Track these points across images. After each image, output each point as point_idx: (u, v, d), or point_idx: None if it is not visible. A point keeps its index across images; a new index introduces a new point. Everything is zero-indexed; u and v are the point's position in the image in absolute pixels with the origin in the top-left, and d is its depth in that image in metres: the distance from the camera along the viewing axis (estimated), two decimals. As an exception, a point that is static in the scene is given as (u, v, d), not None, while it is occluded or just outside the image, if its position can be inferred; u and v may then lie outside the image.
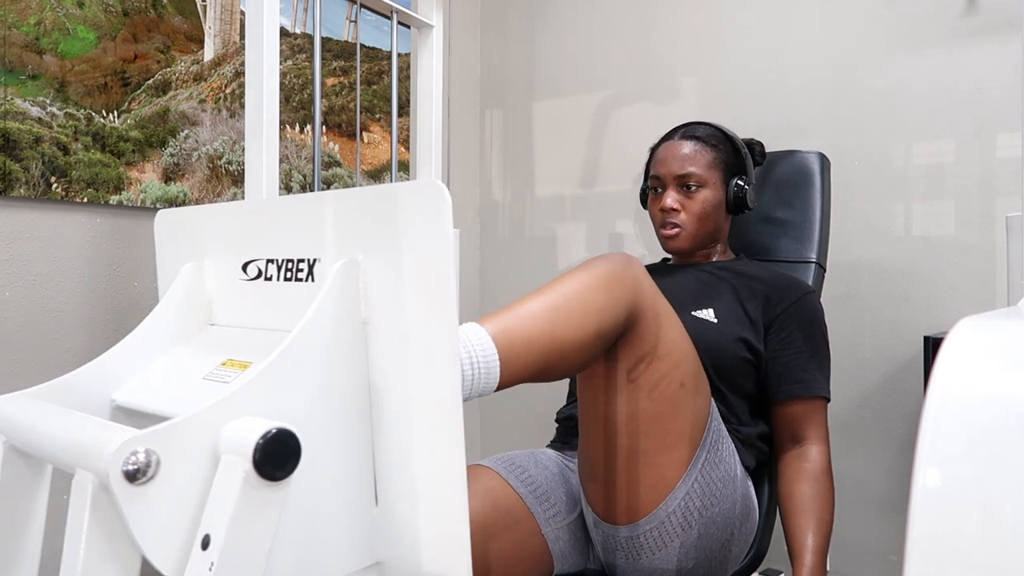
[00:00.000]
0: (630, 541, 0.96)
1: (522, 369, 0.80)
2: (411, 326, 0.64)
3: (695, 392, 0.96)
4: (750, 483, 1.10)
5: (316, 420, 0.63)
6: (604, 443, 0.94)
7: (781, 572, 1.38)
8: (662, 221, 1.27)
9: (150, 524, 0.52)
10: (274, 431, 0.54)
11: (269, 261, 0.76)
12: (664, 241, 1.28)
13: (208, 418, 0.56)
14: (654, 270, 1.36)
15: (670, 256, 1.40)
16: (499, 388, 0.79)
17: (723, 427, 1.04)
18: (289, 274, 0.74)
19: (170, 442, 0.53)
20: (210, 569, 0.52)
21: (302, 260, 0.72)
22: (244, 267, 0.79)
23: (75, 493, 0.54)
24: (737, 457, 1.06)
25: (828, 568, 1.09)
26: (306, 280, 0.72)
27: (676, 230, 1.25)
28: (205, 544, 0.53)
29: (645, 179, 1.37)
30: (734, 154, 1.30)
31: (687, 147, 1.27)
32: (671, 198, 1.25)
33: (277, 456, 0.54)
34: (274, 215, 0.77)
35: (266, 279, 0.76)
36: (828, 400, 1.18)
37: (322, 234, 0.71)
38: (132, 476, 0.51)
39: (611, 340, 0.88)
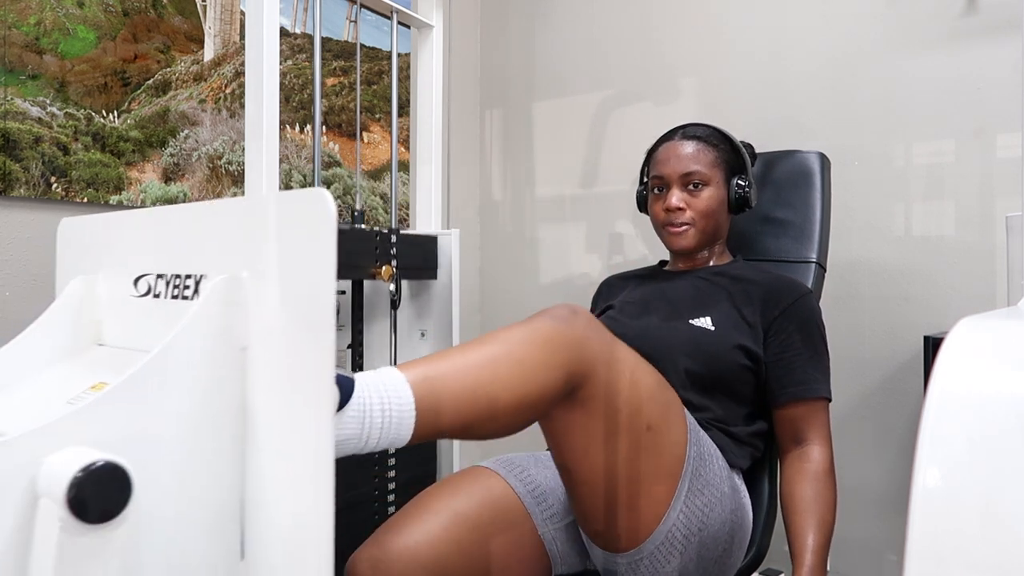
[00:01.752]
0: (628, 567, 0.97)
1: (440, 423, 0.75)
2: (288, 350, 0.56)
3: (665, 429, 0.94)
4: (742, 489, 1.09)
5: (172, 454, 0.55)
6: (578, 489, 0.93)
7: (781, 572, 1.38)
8: (667, 220, 1.27)
9: None
10: (99, 464, 0.45)
11: (159, 276, 0.69)
12: (671, 239, 1.28)
13: (24, 448, 0.46)
14: (651, 275, 1.36)
15: (667, 260, 1.40)
16: (413, 441, 0.74)
17: (705, 446, 1.02)
18: (176, 291, 0.66)
19: None
20: None
21: (189, 276, 0.65)
22: (135, 282, 0.72)
23: None
24: (725, 471, 1.04)
25: (828, 568, 1.09)
26: (191, 298, 0.64)
27: (684, 227, 1.25)
28: None
29: (641, 181, 1.37)
30: (734, 153, 1.30)
31: (689, 147, 1.27)
32: (676, 197, 1.25)
33: (98, 494, 0.45)
34: (167, 225, 0.71)
35: (155, 296, 0.69)
36: (829, 400, 1.18)
37: (207, 247, 0.64)
38: None
39: (550, 403, 0.83)
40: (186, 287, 0.65)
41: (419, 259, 1.50)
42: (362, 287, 1.45)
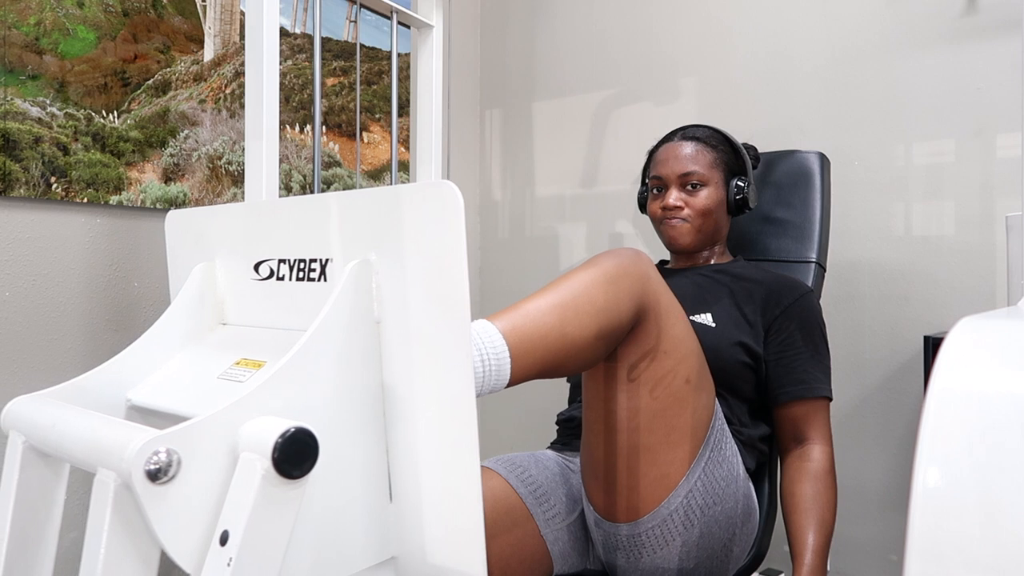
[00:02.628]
0: (631, 540, 0.96)
1: (532, 365, 0.80)
2: (423, 325, 0.64)
3: (699, 389, 0.97)
4: (751, 484, 1.10)
5: (331, 418, 0.64)
6: (606, 440, 0.94)
7: (781, 572, 1.38)
8: (664, 218, 1.27)
9: (171, 522, 0.53)
10: (292, 430, 0.54)
11: (281, 261, 0.77)
12: (667, 236, 1.28)
13: (227, 418, 0.56)
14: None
15: (667, 260, 1.40)
16: (510, 384, 0.79)
17: (726, 426, 1.04)
18: (301, 274, 0.74)
19: (190, 442, 0.54)
20: (228, 564, 0.52)
21: (314, 260, 0.73)
22: (256, 267, 0.79)
23: (96, 492, 0.55)
24: (740, 457, 1.06)
25: (828, 568, 1.09)
26: (318, 280, 0.72)
27: (680, 223, 1.26)
28: (224, 540, 0.53)
29: (643, 182, 1.37)
30: (733, 155, 1.30)
31: (688, 147, 1.27)
32: (674, 196, 1.26)
33: (295, 455, 0.55)
34: (285, 216, 0.78)
35: (278, 279, 0.77)
36: (830, 400, 1.18)
37: (334, 235, 0.71)
38: (154, 476, 0.52)
39: (618, 337, 0.88)
40: (312, 270, 0.73)
41: None
42: None
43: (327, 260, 0.72)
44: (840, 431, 1.54)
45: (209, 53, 1.53)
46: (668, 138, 1.32)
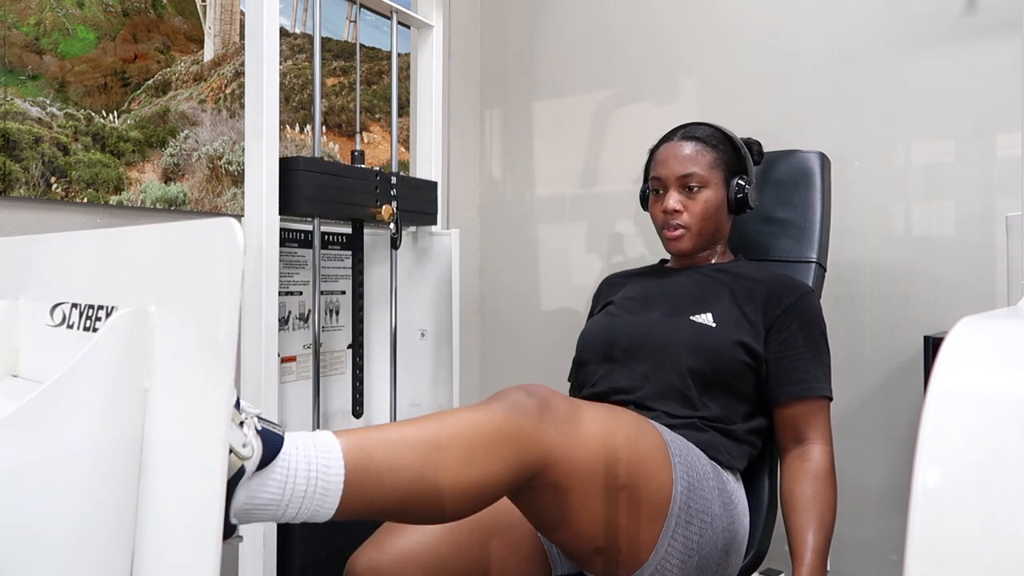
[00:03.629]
0: None
1: (370, 502, 0.68)
2: (188, 394, 0.54)
3: (644, 481, 0.91)
4: (736, 495, 1.08)
5: (68, 487, 0.53)
6: (562, 546, 0.92)
7: (781, 572, 1.38)
8: (665, 223, 1.27)
9: None
10: None
11: (73, 306, 0.65)
12: (668, 243, 1.28)
13: None
14: (652, 272, 1.36)
15: (668, 258, 1.40)
16: (337, 517, 0.68)
17: (695, 471, 0.99)
18: (88, 322, 0.63)
19: None
20: None
21: (101, 307, 0.62)
22: (52, 311, 0.68)
23: None
24: (716, 490, 1.02)
25: (828, 568, 1.09)
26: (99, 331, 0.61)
27: (680, 231, 1.25)
28: None
29: (645, 180, 1.37)
30: (734, 154, 1.30)
31: (688, 148, 1.27)
32: (673, 199, 1.25)
33: None
34: (87, 251, 0.67)
35: (68, 327, 0.65)
36: (830, 400, 1.18)
37: (122, 277, 0.61)
38: None
39: (499, 494, 0.77)
40: (97, 318, 0.61)
41: (418, 203, 1.49)
42: (362, 230, 1.43)
43: (112, 308, 0.60)
44: (840, 431, 1.54)
45: (209, 53, 1.53)
46: (668, 137, 1.32)
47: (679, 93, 1.83)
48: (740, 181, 1.28)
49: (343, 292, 1.48)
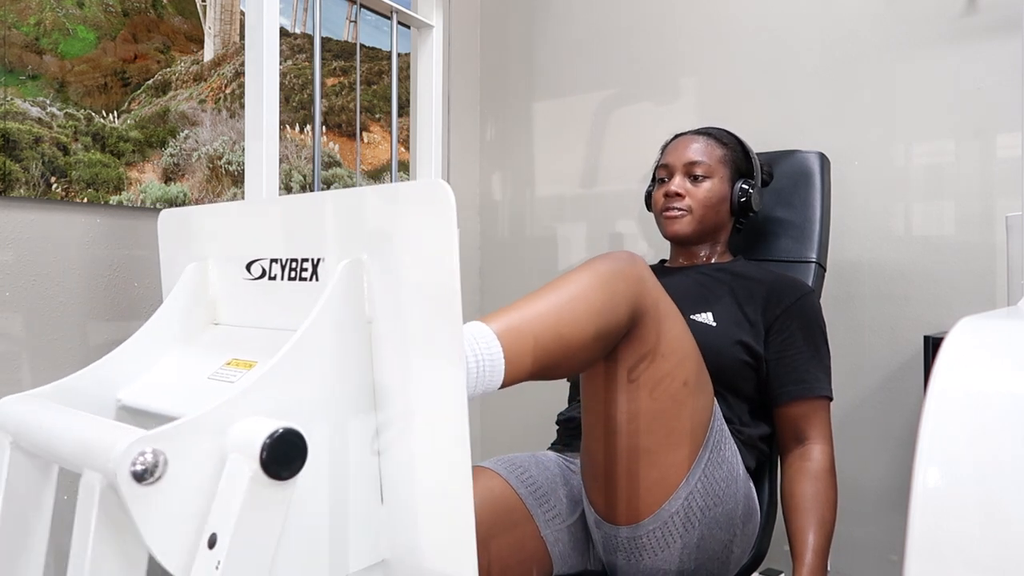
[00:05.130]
0: (631, 542, 0.96)
1: (526, 367, 0.79)
2: (415, 325, 0.63)
3: (698, 390, 0.96)
4: (752, 484, 1.10)
5: (322, 419, 0.63)
6: (606, 442, 0.94)
7: (781, 572, 1.38)
8: (665, 206, 1.28)
9: (158, 523, 0.52)
10: (280, 431, 0.54)
11: (273, 261, 0.76)
12: (665, 224, 1.28)
13: (214, 418, 0.56)
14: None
15: (667, 258, 1.40)
16: (503, 386, 0.78)
17: (725, 427, 1.04)
18: (293, 273, 0.73)
19: (177, 442, 0.53)
20: (217, 567, 0.52)
21: (306, 260, 0.72)
22: (248, 267, 0.79)
23: (83, 493, 0.54)
24: (739, 457, 1.06)
25: (828, 568, 1.09)
26: (310, 279, 0.71)
27: (679, 212, 1.26)
28: (212, 543, 0.53)
29: (652, 179, 1.37)
30: (744, 158, 1.31)
31: (699, 141, 1.29)
32: (677, 183, 1.27)
33: (284, 456, 0.54)
34: (277, 215, 0.77)
35: (270, 278, 0.76)
36: (830, 399, 1.18)
37: (326, 234, 0.70)
38: (140, 476, 0.51)
39: (614, 339, 0.88)
40: (304, 270, 0.72)
41: None
42: None
43: (319, 260, 0.71)
44: (840, 431, 1.54)
45: (209, 53, 1.53)
46: (682, 132, 1.34)
47: (679, 93, 1.83)
48: (745, 184, 1.28)
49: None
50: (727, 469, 1.00)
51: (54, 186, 1.27)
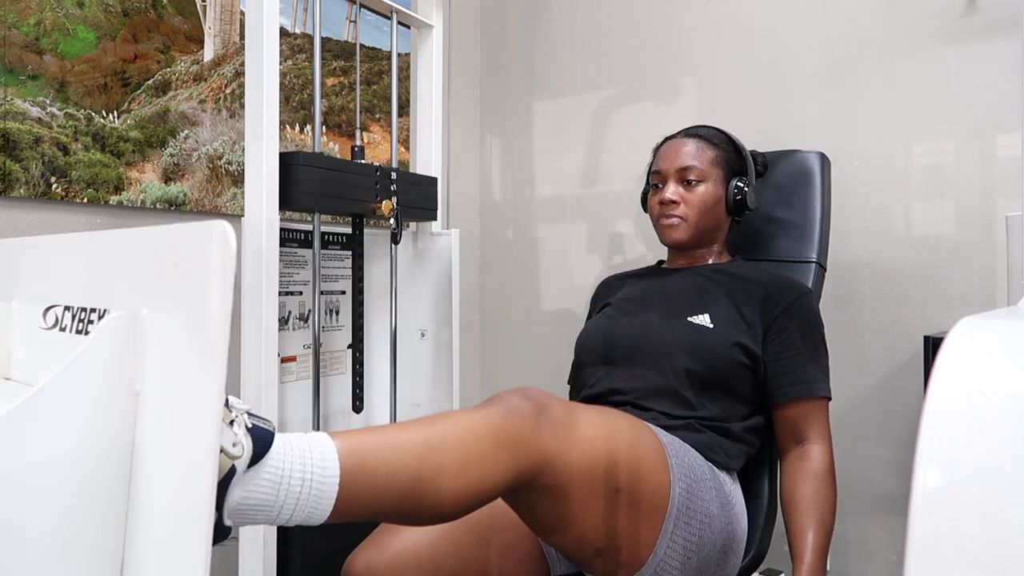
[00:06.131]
0: None
1: (366, 504, 0.68)
2: (180, 398, 0.53)
3: (642, 483, 0.91)
4: (734, 495, 1.08)
5: (58, 492, 0.53)
6: (560, 548, 0.91)
7: (781, 572, 1.38)
8: (661, 213, 1.27)
9: None
10: None
11: (66, 308, 0.65)
12: (664, 232, 1.28)
13: None
14: (649, 273, 1.36)
15: (665, 259, 1.40)
16: (331, 519, 0.67)
17: (694, 472, 0.99)
18: (80, 325, 0.62)
19: None
20: None
21: (93, 310, 0.61)
22: (44, 313, 0.67)
23: None
24: (714, 491, 1.02)
25: (828, 568, 1.09)
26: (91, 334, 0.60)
27: (676, 220, 1.26)
28: None
29: (647, 181, 1.37)
30: (736, 155, 1.30)
31: (690, 144, 1.28)
32: (671, 190, 1.26)
33: None
34: (80, 253, 0.66)
35: (60, 329, 0.65)
36: (829, 399, 1.18)
37: (115, 279, 0.61)
38: None
39: (495, 495, 0.77)
40: (89, 321, 0.61)
41: (419, 199, 1.49)
42: (362, 227, 1.42)
43: (104, 311, 0.59)
44: (840, 431, 1.54)
45: (209, 53, 1.53)
46: (672, 136, 1.33)
47: (679, 93, 1.83)
48: (739, 183, 1.28)
49: (343, 292, 1.48)
50: (698, 522, 0.97)
51: (54, 186, 1.27)
